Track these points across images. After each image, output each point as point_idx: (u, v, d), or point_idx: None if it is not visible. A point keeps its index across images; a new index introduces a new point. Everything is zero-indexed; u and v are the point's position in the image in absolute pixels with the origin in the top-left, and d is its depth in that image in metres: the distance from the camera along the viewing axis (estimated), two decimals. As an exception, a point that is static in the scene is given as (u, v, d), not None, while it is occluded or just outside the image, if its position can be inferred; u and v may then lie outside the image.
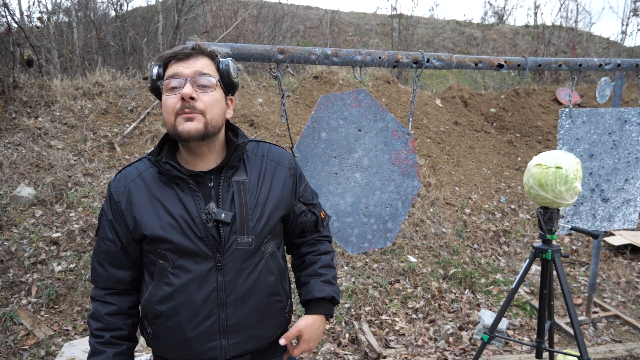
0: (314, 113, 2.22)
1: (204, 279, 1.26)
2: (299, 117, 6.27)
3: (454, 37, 15.64)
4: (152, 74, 1.27)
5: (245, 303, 1.29)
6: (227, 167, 1.31)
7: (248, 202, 1.30)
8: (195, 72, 1.24)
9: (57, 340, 3.23)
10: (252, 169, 1.35)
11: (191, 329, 1.26)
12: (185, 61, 1.25)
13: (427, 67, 2.29)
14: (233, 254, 1.27)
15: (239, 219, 1.28)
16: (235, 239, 1.27)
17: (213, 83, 1.26)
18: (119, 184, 1.32)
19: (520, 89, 8.41)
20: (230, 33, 9.04)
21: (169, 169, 1.26)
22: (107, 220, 1.32)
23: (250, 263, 1.30)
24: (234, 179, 1.31)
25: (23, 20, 8.86)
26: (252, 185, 1.32)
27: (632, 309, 3.94)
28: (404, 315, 3.70)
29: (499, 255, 4.81)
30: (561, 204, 2.16)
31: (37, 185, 4.45)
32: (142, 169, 1.33)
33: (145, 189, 1.29)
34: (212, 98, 1.26)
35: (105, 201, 1.34)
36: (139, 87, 6.32)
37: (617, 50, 12.87)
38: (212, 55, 1.30)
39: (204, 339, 1.27)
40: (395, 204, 2.40)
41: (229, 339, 1.29)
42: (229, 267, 1.27)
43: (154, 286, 1.29)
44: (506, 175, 6.35)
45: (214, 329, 1.27)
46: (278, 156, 1.42)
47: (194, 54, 1.26)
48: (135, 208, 1.28)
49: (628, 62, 2.76)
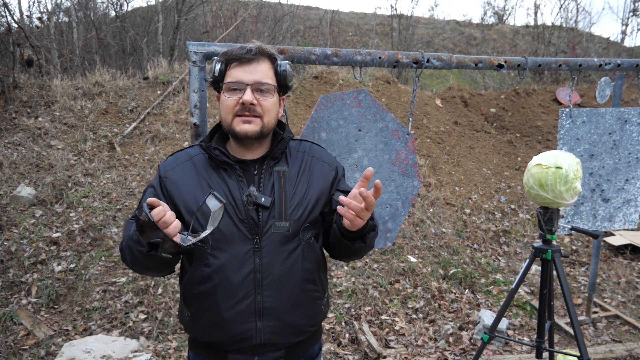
0: (314, 113, 2.22)
1: (242, 260, 1.31)
2: (299, 117, 6.27)
3: (454, 37, 15.65)
4: (215, 70, 1.35)
5: (282, 287, 1.33)
6: (270, 158, 1.38)
7: (287, 190, 1.36)
8: (257, 81, 1.32)
9: (57, 340, 3.23)
10: (293, 162, 1.42)
11: (227, 309, 1.31)
12: (247, 65, 1.33)
13: (427, 67, 2.29)
14: (270, 237, 1.32)
15: (277, 204, 1.34)
16: (273, 223, 1.32)
17: (272, 90, 1.35)
18: (169, 163, 1.42)
19: (520, 89, 8.41)
20: (230, 33, 9.04)
21: (218, 155, 1.35)
22: (153, 191, 1.38)
23: (287, 248, 1.34)
24: (276, 168, 1.38)
25: (23, 20, 8.87)
26: (292, 176, 1.39)
27: (632, 309, 3.94)
28: (404, 315, 3.70)
29: (499, 255, 4.80)
30: (561, 204, 2.16)
31: (37, 185, 4.45)
32: (194, 153, 1.42)
33: (195, 171, 1.37)
34: (270, 103, 1.35)
35: (154, 178, 1.42)
36: (139, 87, 6.32)
37: (617, 50, 12.87)
38: (272, 58, 1.38)
39: (240, 320, 1.31)
40: (395, 204, 2.40)
41: (264, 322, 1.32)
42: (267, 250, 1.32)
43: (193, 268, 1.34)
44: (506, 175, 6.35)
45: (250, 310, 1.31)
46: (319, 153, 1.49)
47: (257, 58, 1.33)
48: (181, 186, 1.35)
49: (628, 62, 2.76)
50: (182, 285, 1.40)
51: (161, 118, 5.73)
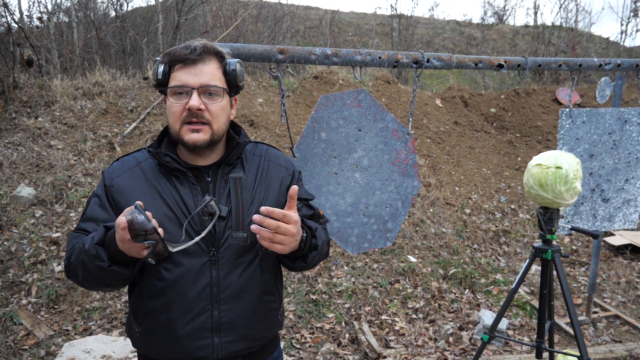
0: (314, 113, 2.22)
1: (197, 273, 1.23)
2: (299, 117, 6.27)
3: (454, 37, 15.65)
4: (158, 73, 1.25)
5: (239, 300, 1.27)
6: (225, 164, 1.31)
7: (244, 199, 1.29)
8: (203, 84, 1.22)
9: (57, 340, 3.23)
10: (250, 167, 1.35)
11: (182, 326, 1.23)
12: (192, 67, 1.22)
13: (427, 67, 2.29)
14: (228, 249, 1.26)
15: (234, 214, 1.26)
16: (230, 234, 1.26)
17: (220, 92, 1.25)
18: (114, 170, 1.31)
19: (520, 89, 8.41)
20: (230, 33, 9.04)
21: (169, 161, 1.26)
22: (98, 201, 1.29)
23: (245, 259, 1.28)
24: (231, 175, 1.31)
25: (23, 20, 8.87)
26: (249, 182, 1.32)
27: (632, 309, 3.94)
28: (404, 315, 3.70)
29: (499, 255, 4.81)
30: (561, 204, 2.16)
31: (37, 185, 4.45)
32: (141, 159, 1.32)
33: (144, 178, 1.28)
34: (219, 107, 1.25)
35: (98, 186, 1.32)
36: (139, 87, 6.32)
37: (617, 50, 12.87)
38: (220, 56, 1.28)
39: (196, 337, 1.24)
40: (395, 204, 2.40)
41: (221, 337, 1.26)
42: (224, 262, 1.25)
43: (144, 281, 1.26)
44: (506, 175, 6.35)
45: (206, 326, 1.24)
46: (275, 157, 1.42)
47: (202, 58, 1.23)
48: (130, 195, 1.25)
49: (628, 62, 2.76)
50: (131, 299, 1.32)
51: (161, 118, 5.73)
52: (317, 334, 3.43)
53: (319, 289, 3.86)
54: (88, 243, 1.15)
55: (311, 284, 3.92)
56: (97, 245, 1.12)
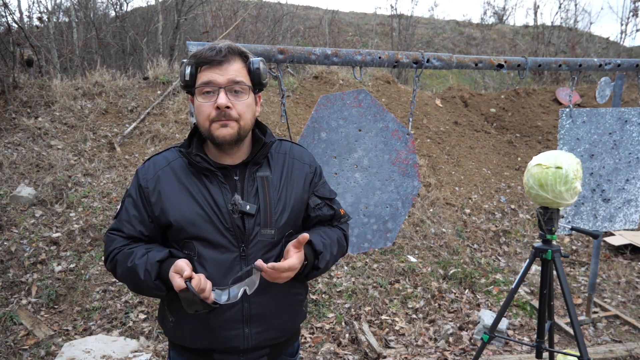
0: (314, 113, 2.22)
1: (228, 267, 1.31)
2: (299, 117, 6.27)
3: (454, 37, 15.65)
4: (185, 74, 1.31)
5: (268, 293, 1.34)
6: (252, 163, 1.37)
7: (272, 197, 1.36)
8: (230, 80, 1.28)
9: (57, 340, 3.23)
10: (276, 166, 1.41)
11: (215, 317, 1.31)
12: (219, 67, 1.28)
13: (427, 67, 2.29)
14: (257, 245, 1.33)
15: (262, 211, 1.34)
16: (259, 231, 1.33)
17: (246, 89, 1.32)
18: (148, 170, 1.38)
19: (520, 89, 8.41)
20: (230, 33, 9.04)
21: (199, 161, 1.32)
22: (132, 202, 1.36)
23: (272, 254, 1.35)
24: (258, 174, 1.37)
25: (23, 20, 8.87)
26: (276, 181, 1.39)
27: (632, 309, 3.94)
28: (404, 315, 3.70)
29: (499, 255, 4.81)
30: (561, 204, 2.16)
31: (37, 185, 4.45)
32: (171, 158, 1.39)
33: (175, 178, 1.35)
34: (246, 104, 1.32)
35: (131, 185, 1.40)
36: (139, 87, 6.32)
37: (617, 50, 12.87)
38: (244, 56, 1.34)
39: (228, 327, 1.32)
40: (395, 204, 2.40)
41: (251, 328, 1.34)
42: (253, 257, 1.32)
43: None
44: (506, 175, 6.35)
45: (237, 317, 1.32)
46: (300, 154, 1.48)
47: (227, 59, 1.29)
48: (163, 195, 1.33)
49: (628, 62, 2.76)
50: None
51: (161, 118, 5.73)
52: (317, 334, 3.42)
53: (319, 289, 3.86)
54: (142, 272, 1.27)
55: (311, 283, 3.92)
56: (156, 282, 1.27)
